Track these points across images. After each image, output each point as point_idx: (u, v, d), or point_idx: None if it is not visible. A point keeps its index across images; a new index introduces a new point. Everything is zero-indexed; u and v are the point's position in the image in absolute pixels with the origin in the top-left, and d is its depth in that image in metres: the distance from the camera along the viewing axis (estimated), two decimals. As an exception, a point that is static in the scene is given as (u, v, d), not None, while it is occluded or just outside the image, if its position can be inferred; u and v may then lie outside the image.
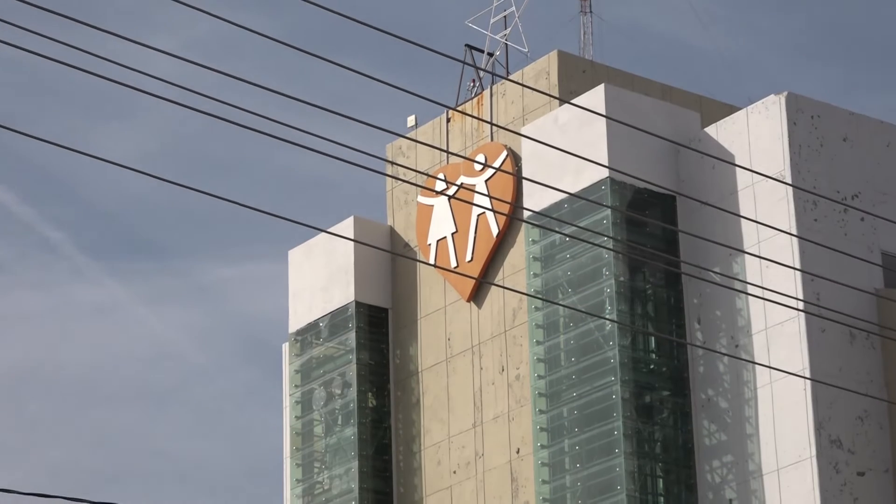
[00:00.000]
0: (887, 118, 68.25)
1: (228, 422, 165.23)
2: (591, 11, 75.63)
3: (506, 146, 68.01)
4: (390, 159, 67.67)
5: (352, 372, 73.09)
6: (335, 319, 74.40)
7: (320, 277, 75.50)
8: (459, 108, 69.34)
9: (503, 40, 72.76)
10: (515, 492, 67.48)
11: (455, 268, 70.88)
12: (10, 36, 14.48)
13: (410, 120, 69.45)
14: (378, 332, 73.81)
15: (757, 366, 62.27)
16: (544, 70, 70.27)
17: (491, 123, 67.83)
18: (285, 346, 77.45)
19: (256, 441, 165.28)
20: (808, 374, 59.01)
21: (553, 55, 71.29)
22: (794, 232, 59.32)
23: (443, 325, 72.19)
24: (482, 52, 72.71)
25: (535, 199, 66.42)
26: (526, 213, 67.61)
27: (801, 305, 58.77)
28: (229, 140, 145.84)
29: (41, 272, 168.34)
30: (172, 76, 17.36)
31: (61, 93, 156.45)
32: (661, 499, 63.86)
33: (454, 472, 70.06)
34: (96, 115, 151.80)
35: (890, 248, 62.44)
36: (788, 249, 58.90)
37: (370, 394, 72.90)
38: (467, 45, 72.37)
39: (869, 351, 62.14)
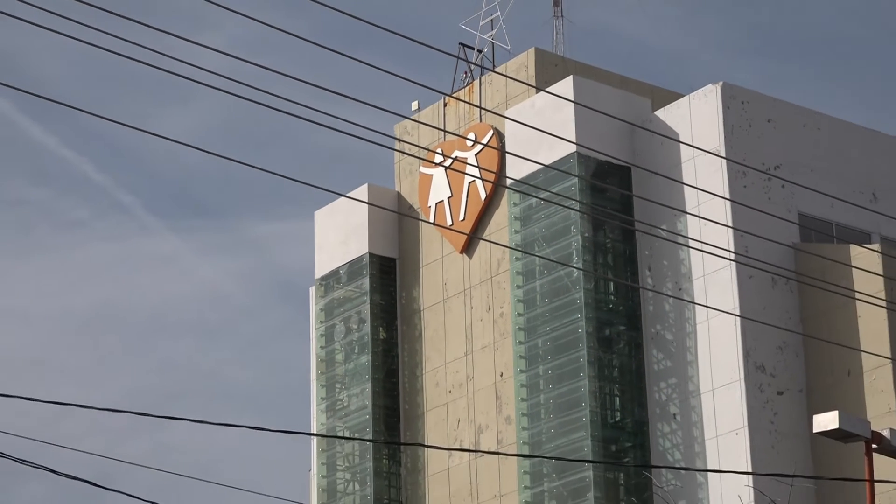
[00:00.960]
0: (803, 104, 68.28)
1: (266, 351, 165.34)
2: (562, 16, 75.45)
3: (492, 126, 68.12)
4: (398, 137, 67.61)
5: (366, 310, 73.22)
6: (352, 268, 74.48)
7: (340, 233, 75.53)
8: (454, 95, 69.49)
9: (490, 39, 72.83)
10: (499, 408, 67.52)
11: (450, 225, 70.96)
12: (94, 37, 14.29)
13: (414, 105, 69.37)
14: (387, 278, 73.96)
15: (696, 305, 62.39)
16: (524, 64, 70.29)
17: (480, 108, 67.83)
18: (312, 290, 77.78)
19: (289, 367, 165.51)
20: (737, 312, 58.99)
21: (531, 52, 71.25)
22: (727, 196, 59.32)
23: (440, 272, 72.28)
24: (473, 49, 72.72)
25: (516, 170, 66.57)
26: (508, 181, 67.70)
27: (732, 256, 58.69)
28: (267, 121, 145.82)
29: (114, 228, 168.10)
30: (221, 68, 17.23)
31: (134, 82, 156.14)
32: (618, 413, 63.96)
33: (449, 392, 70.16)
34: (161, 101, 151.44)
35: (805, 210, 62.43)
36: (722, 210, 58.80)
37: (381, 328, 73.04)
38: (461, 44, 72.42)
39: (788, 294, 62.28)
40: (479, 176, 69.35)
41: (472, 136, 69.72)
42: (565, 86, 65.32)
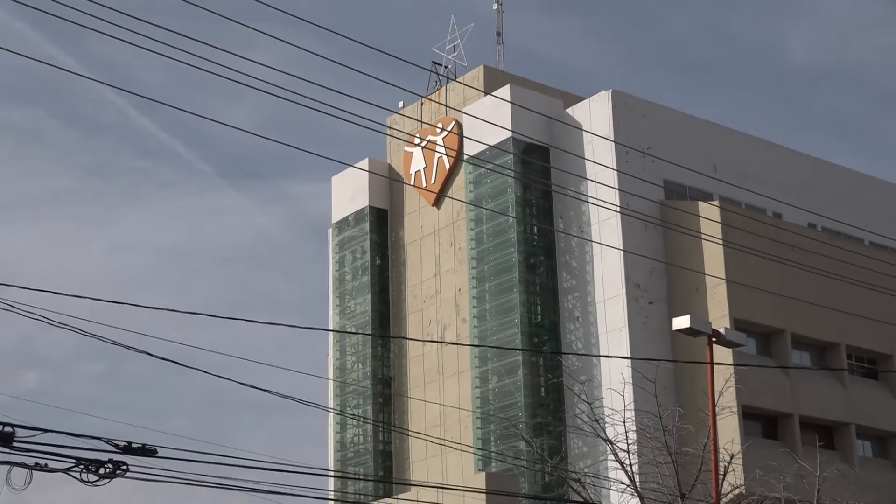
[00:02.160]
0: (669, 104, 69.11)
1: (298, 273, 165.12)
2: (502, 43, 75.48)
3: (454, 119, 68.22)
4: (389, 125, 67.78)
5: (366, 245, 73.39)
6: (357, 216, 74.52)
7: (349, 191, 75.63)
8: (429, 97, 69.73)
9: (453, 59, 73.01)
10: (458, 313, 67.88)
11: (425, 187, 71.38)
12: (182, 54, 15.53)
13: (400, 103, 69.23)
14: (381, 223, 74.00)
15: (593, 243, 63.11)
16: (476, 76, 70.30)
17: (446, 106, 68.20)
18: (329, 231, 77.72)
19: (314, 284, 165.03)
20: (621, 247, 59.74)
21: (481, 68, 71.24)
22: (615, 167, 59.98)
23: (418, 219, 72.48)
24: (441, 65, 72.79)
25: (471, 148, 66.80)
26: (465, 156, 67.94)
27: (617, 209, 59.58)
28: (300, 112, 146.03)
29: (194, 188, 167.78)
30: (267, 76, 18.48)
31: (208, 84, 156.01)
32: (539, 316, 64.16)
33: (423, 301, 70.55)
34: (227, 98, 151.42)
35: (668, 177, 62.87)
36: (612, 177, 59.27)
37: (377, 258, 73.06)
38: (433, 62, 72.39)
39: (655, 234, 62.64)
40: (444, 153, 70.20)
41: (440, 125, 69.99)
42: (504, 91, 65.61)
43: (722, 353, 23.29)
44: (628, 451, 25.15)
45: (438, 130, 70.41)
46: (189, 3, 16.82)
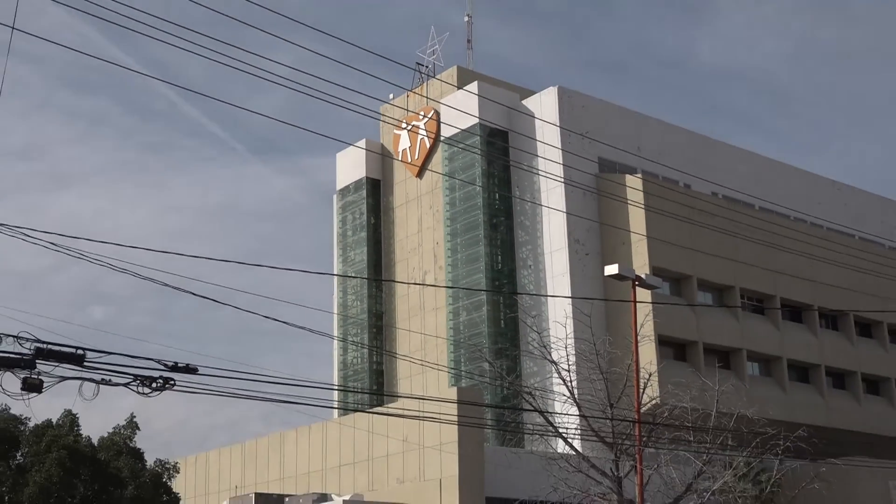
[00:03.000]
0: (605, 98, 68.97)
1: (310, 229, 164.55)
2: (472, 49, 75.17)
3: (434, 108, 67.98)
4: (382, 113, 67.36)
5: (364, 207, 73.11)
6: (357, 184, 74.18)
7: (350, 164, 75.32)
8: (414, 91, 69.48)
9: (433, 61, 72.74)
10: (435, 261, 67.86)
11: (410, 162, 71.32)
12: (215, 54, 15.56)
13: (391, 96, 69.05)
14: (375, 191, 73.71)
15: (542, 206, 63.17)
16: (451, 75, 70.14)
17: (427, 97, 67.85)
18: (334, 196, 77.40)
19: (322, 237, 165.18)
20: (565, 210, 59.77)
21: (455, 68, 71.10)
22: (559, 146, 59.85)
23: (404, 187, 72.32)
24: (424, 65, 72.53)
25: (446, 132, 66.77)
26: (442, 137, 67.81)
27: (562, 180, 59.53)
28: (313, 102, 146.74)
29: (229, 161, 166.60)
30: (285, 72, 18.40)
31: (238, 80, 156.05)
32: (500, 264, 64.27)
33: (409, 252, 70.65)
34: (252, 91, 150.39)
35: (602, 155, 62.86)
36: (558, 154, 59.21)
37: (372, 217, 72.72)
38: (417, 63, 72.14)
39: (591, 200, 62.50)
40: (425, 135, 69.94)
41: (422, 113, 69.62)
42: (473, 87, 65.32)
43: (643, 294, 23.37)
44: (569, 371, 25.24)
45: (421, 117, 69.96)
46: (224, 14, 16.74)
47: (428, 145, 70.10)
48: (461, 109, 63.30)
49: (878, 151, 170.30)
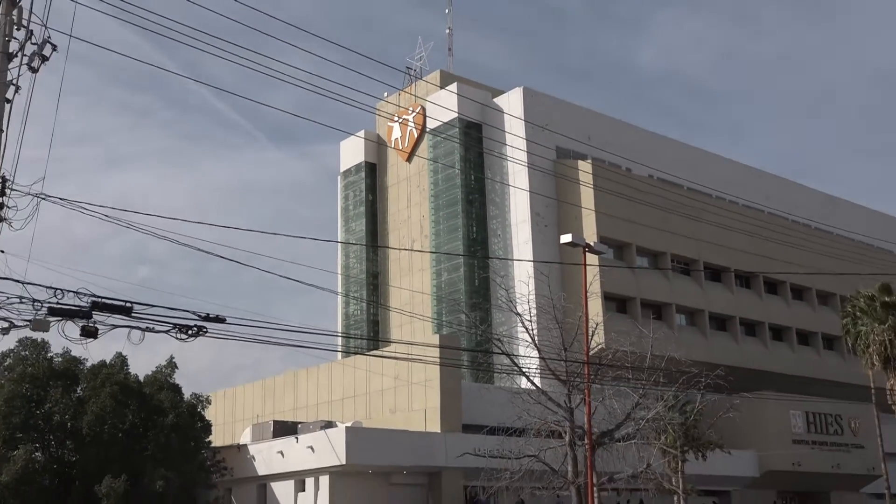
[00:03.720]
0: (560, 96, 68.79)
1: (318, 204, 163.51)
2: (452, 56, 74.79)
3: (421, 104, 67.51)
4: (378, 108, 67.09)
5: (363, 186, 72.81)
6: (357, 167, 73.70)
7: (351, 151, 74.91)
8: (404, 90, 68.70)
9: (420, 65, 72.19)
10: (421, 230, 67.63)
11: (401, 149, 70.97)
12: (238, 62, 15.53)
13: (385, 94, 68.55)
14: (372, 173, 73.36)
15: (510, 186, 63.27)
16: (435, 77, 69.65)
17: (415, 95, 67.45)
18: (339, 176, 76.95)
19: (329, 211, 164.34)
20: (528, 189, 59.74)
21: (438, 71, 70.62)
22: (524, 137, 59.72)
23: (396, 170, 71.87)
24: (412, 69, 72.10)
25: (431, 124, 66.49)
26: (427, 129, 67.66)
27: (526, 164, 59.42)
28: (322, 100, 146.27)
29: (251, 148, 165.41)
30: (298, 73, 18.30)
31: (258, 77, 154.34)
32: (474, 233, 64.17)
33: (400, 223, 70.52)
34: (272, 87, 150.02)
35: (559, 144, 62.69)
36: (522, 143, 59.08)
37: (369, 195, 72.43)
38: (407, 67, 71.83)
39: (550, 181, 62.41)
40: (414, 127, 69.62)
41: (411, 108, 69.03)
42: (453, 87, 65.14)
43: (591, 258, 23.40)
44: (531, 321, 25.30)
45: (410, 112, 69.44)
46: (247, 25, 16.59)
47: (415, 135, 69.68)
48: (443, 106, 63.12)
49: (784, 142, 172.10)
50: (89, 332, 13.35)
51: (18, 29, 13.30)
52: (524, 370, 25.69)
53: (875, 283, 41.02)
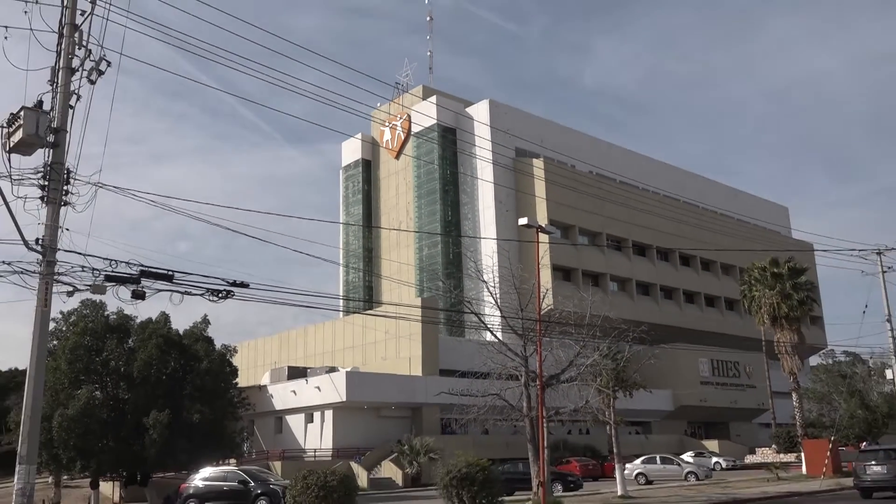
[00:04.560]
0: (519, 107, 68.51)
1: (324, 193, 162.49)
2: (433, 73, 74.41)
3: (407, 112, 67.06)
4: (373, 116, 66.60)
5: (360, 178, 72.38)
6: (355, 163, 72.91)
7: (351, 149, 74.27)
8: (394, 101, 68.19)
9: (406, 81, 71.55)
10: (408, 214, 67.43)
11: (391, 149, 70.51)
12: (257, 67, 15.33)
13: (378, 104, 67.57)
14: (367, 167, 72.82)
15: (478, 179, 62.98)
16: (419, 91, 69.00)
17: (402, 105, 67.13)
18: (341, 170, 76.20)
19: (332, 197, 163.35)
20: (493, 181, 59.46)
21: (421, 87, 70.16)
22: (490, 139, 59.58)
23: (387, 165, 71.51)
24: (401, 84, 71.51)
25: (415, 129, 66.10)
26: (413, 132, 67.27)
27: (492, 162, 59.25)
28: (327, 108, 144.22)
29: (270, 146, 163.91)
30: (307, 86, 18.21)
31: (274, 89, 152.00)
32: (450, 215, 64.01)
33: (390, 208, 70.24)
34: (286, 97, 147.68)
35: (518, 146, 62.56)
36: (488, 145, 58.89)
37: (365, 185, 72.01)
38: (396, 83, 71.22)
39: (511, 175, 62.22)
40: (401, 131, 69.12)
41: (399, 116, 68.52)
42: (432, 99, 64.74)
43: (543, 237, 23.37)
44: (495, 287, 25.34)
45: (398, 119, 68.90)
46: (263, 46, 16.38)
47: (402, 138, 69.22)
48: (425, 114, 62.86)
49: (696, 144, 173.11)
50: (138, 295, 13.29)
51: (79, 48, 13.15)
52: (489, 326, 25.75)
53: (766, 258, 41.36)
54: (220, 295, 13.95)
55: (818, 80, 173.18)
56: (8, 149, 12.47)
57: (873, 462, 22.88)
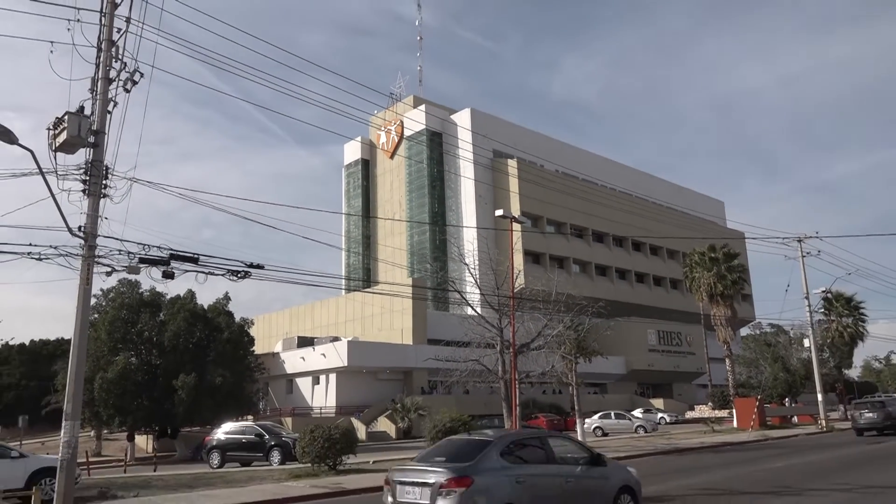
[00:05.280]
0: (497, 115, 68.09)
1: (328, 187, 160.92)
2: (422, 84, 73.82)
3: (400, 119, 66.66)
4: (371, 121, 66.06)
5: (360, 176, 71.67)
6: (355, 162, 72.14)
7: (352, 150, 73.60)
8: (389, 109, 67.75)
9: (399, 91, 70.89)
10: (400, 204, 67.07)
11: (386, 150, 70.08)
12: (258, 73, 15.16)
13: (375, 111, 66.99)
14: (366, 166, 72.22)
15: (461, 177, 62.86)
16: (410, 100, 68.51)
17: (395, 112, 66.66)
18: (343, 169, 75.25)
19: (335, 192, 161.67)
20: (474, 178, 59.25)
21: (411, 96, 69.55)
22: (472, 143, 59.26)
23: (383, 164, 70.88)
24: (395, 94, 70.89)
25: (407, 133, 65.62)
26: (405, 136, 66.87)
27: (472, 162, 58.95)
28: (331, 115, 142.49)
29: (282, 147, 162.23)
30: (313, 96, 18.01)
31: (284, 98, 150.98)
32: (436, 205, 63.64)
33: (385, 202, 69.87)
34: (296, 105, 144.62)
35: (496, 148, 62.13)
36: (470, 147, 58.67)
37: (364, 181, 71.52)
38: (391, 92, 70.63)
39: (489, 173, 61.70)
40: (395, 134, 68.65)
41: (393, 122, 67.95)
42: (422, 107, 64.36)
43: (516, 227, 23.28)
44: (475, 269, 25.35)
45: (392, 124, 68.30)
46: (277, 60, 16.21)
47: (396, 141, 68.78)
48: (415, 120, 62.41)
49: (648, 147, 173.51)
50: (168, 275, 13.21)
51: (116, 61, 13.03)
52: (470, 302, 25.77)
53: (705, 245, 41.63)
54: (238, 275, 13.89)
55: (749, 93, 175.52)
56: (55, 148, 12.37)
57: (866, 410, 27.05)
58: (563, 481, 8.38)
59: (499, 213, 22.73)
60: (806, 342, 40.47)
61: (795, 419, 40.43)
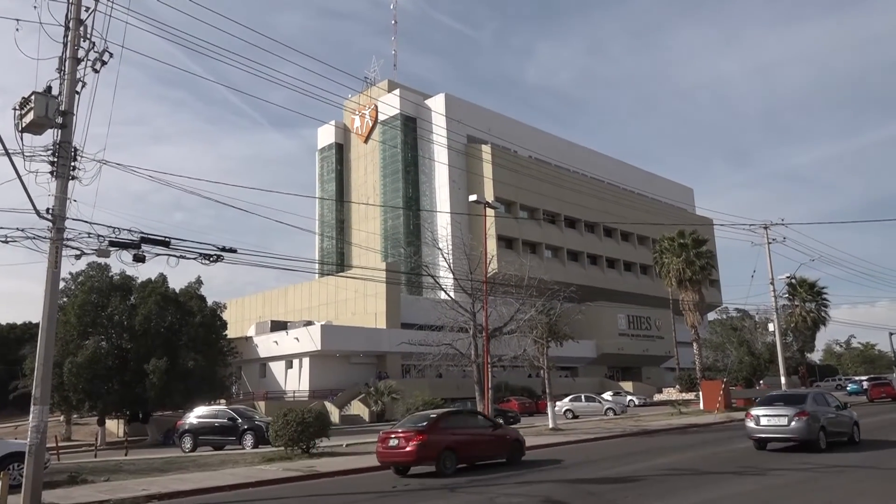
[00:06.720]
0: (471, 100, 68.02)
1: (303, 170, 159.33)
2: (396, 69, 73.24)
3: (374, 103, 66.15)
4: (345, 105, 65.53)
5: (333, 159, 71.25)
6: (329, 146, 71.78)
7: (326, 134, 72.97)
8: (363, 93, 66.98)
9: (374, 76, 70.37)
10: (374, 189, 66.51)
11: (360, 134, 69.58)
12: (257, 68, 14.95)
13: (350, 95, 66.11)
14: (340, 149, 71.70)
15: (436, 162, 62.73)
16: (385, 84, 68.07)
17: (370, 97, 66.10)
18: (317, 152, 74.64)
19: (309, 176, 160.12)
20: (447, 164, 59.17)
21: (386, 81, 69.13)
22: (445, 128, 59.15)
23: (357, 148, 70.47)
24: (369, 78, 70.34)
25: (382, 117, 65.27)
26: (379, 120, 66.46)
27: (447, 147, 58.91)
28: (307, 100, 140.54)
29: (258, 131, 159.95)
30: (289, 80, 17.80)
31: (261, 83, 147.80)
32: (410, 193, 63.42)
33: (359, 186, 69.41)
34: (272, 89, 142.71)
35: (469, 133, 62.16)
36: (444, 132, 58.48)
37: (338, 165, 71.14)
38: (365, 77, 70.08)
39: (462, 158, 61.58)
40: (369, 119, 68.08)
41: (367, 106, 67.34)
42: (396, 92, 63.76)
43: (489, 212, 23.34)
44: (448, 253, 25.42)
45: (366, 108, 67.66)
46: (251, 43, 15.97)
47: (370, 125, 68.26)
48: (390, 104, 61.99)
49: (620, 134, 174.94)
50: (139, 259, 13.07)
51: (84, 41, 12.75)
52: (443, 287, 25.85)
53: (674, 231, 42.15)
54: (211, 259, 13.76)
55: (719, 82, 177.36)
56: (21, 128, 12.10)
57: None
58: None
59: (472, 198, 22.75)
60: (770, 327, 41.26)
61: (759, 401, 41.13)
